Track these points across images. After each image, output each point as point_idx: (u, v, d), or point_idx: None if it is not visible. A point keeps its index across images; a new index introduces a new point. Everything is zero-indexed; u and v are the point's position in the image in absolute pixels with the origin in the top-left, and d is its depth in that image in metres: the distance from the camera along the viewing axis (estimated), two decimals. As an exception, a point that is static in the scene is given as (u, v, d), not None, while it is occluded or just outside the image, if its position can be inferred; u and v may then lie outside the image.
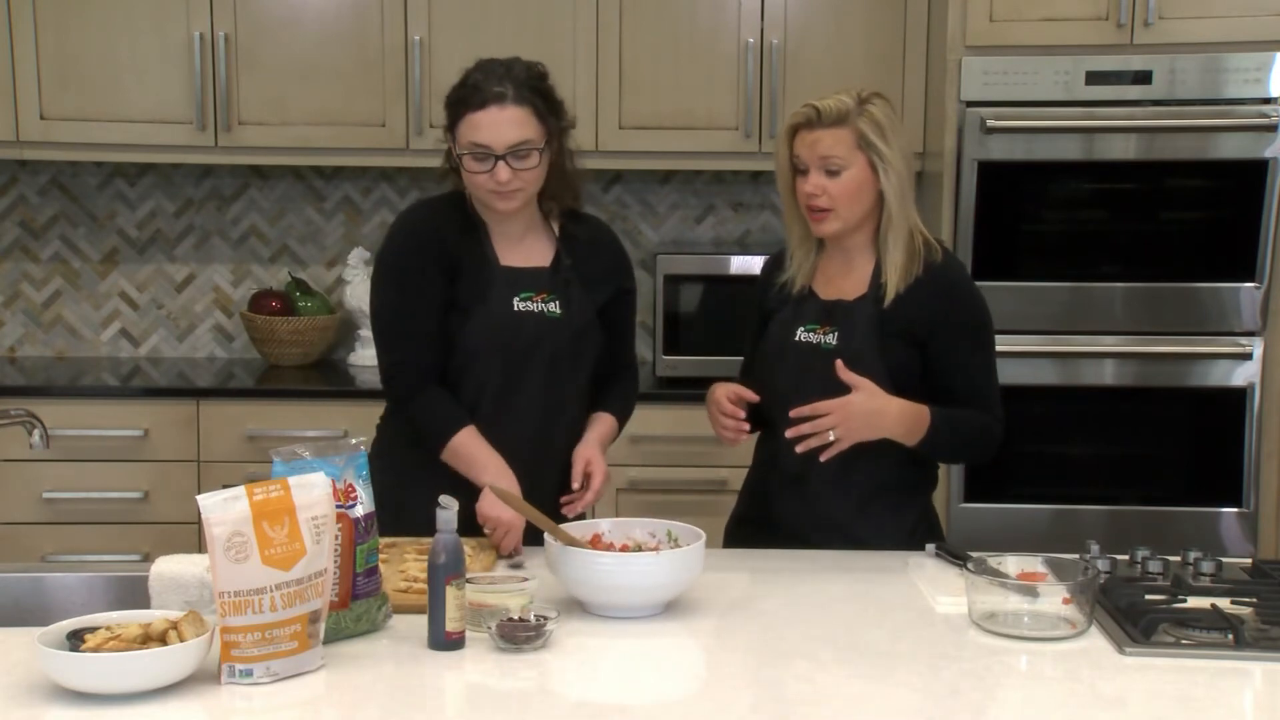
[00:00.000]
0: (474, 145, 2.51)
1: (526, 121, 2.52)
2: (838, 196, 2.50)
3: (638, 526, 2.35)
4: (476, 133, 2.50)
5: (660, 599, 2.21)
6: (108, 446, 3.93)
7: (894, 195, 2.51)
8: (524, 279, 2.62)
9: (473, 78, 2.55)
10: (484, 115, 2.50)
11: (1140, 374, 3.81)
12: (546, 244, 2.67)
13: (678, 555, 2.19)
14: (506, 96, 2.51)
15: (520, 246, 2.64)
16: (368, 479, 2.11)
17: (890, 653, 2.09)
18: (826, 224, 2.53)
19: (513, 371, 2.60)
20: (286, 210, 4.47)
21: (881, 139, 2.49)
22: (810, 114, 2.51)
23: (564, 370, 2.64)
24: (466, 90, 2.54)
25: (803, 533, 2.57)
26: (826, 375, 2.54)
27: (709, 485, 3.89)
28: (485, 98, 2.51)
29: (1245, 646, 2.05)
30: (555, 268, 2.65)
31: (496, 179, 2.51)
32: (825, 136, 2.49)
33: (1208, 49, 3.70)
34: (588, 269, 2.67)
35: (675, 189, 4.48)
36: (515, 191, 2.53)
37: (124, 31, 4.04)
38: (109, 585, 2.39)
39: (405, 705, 1.87)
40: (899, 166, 2.51)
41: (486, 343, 2.59)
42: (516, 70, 2.55)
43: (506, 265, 2.62)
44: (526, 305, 2.61)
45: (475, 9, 4.05)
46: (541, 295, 2.62)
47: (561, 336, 2.62)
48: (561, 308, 2.63)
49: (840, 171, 2.49)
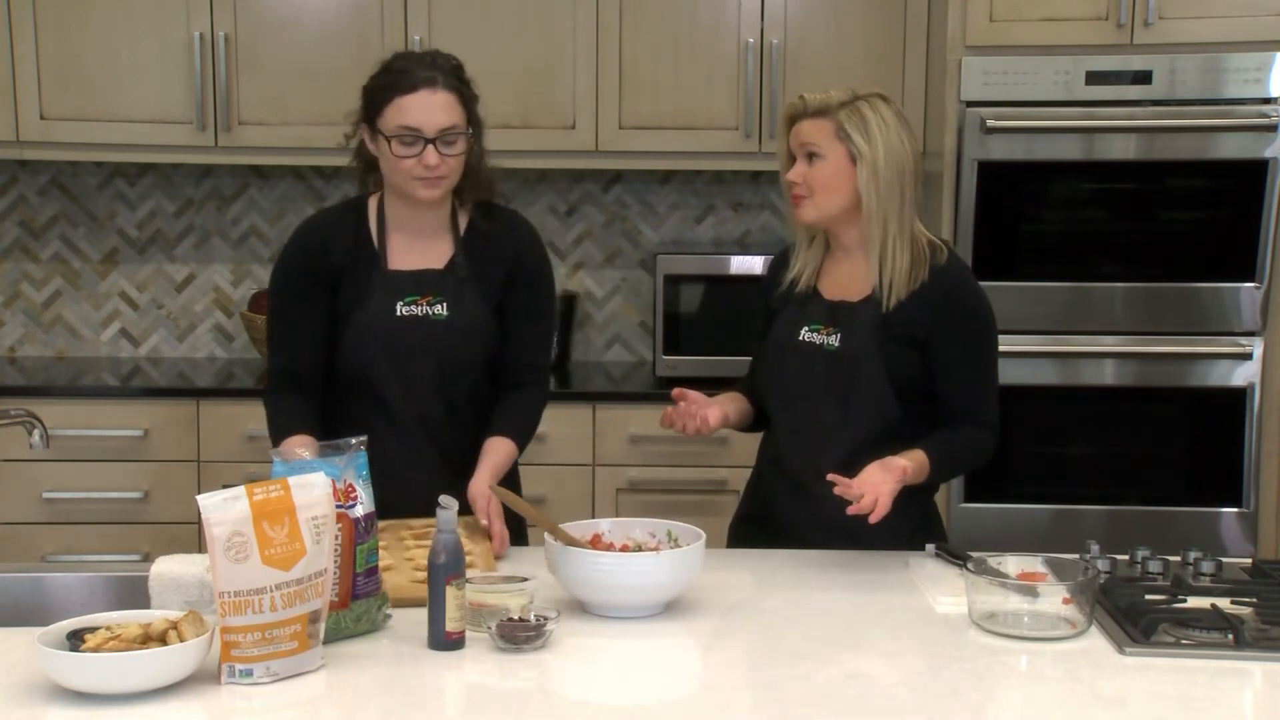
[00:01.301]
0: (403, 129, 2.50)
1: (454, 107, 2.54)
2: (813, 182, 2.52)
3: (637, 526, 2.35)
4: (405, 116, 2.50)
5: (660, 599, 2.21)
6: (108, 446, 3.93)
7: (870, 191, 2.49)
8: (408, 282, 2.61)
9: (398, 64, 2.57)
10: (415, 99, 2.50)
11: (1140, 374, 3.81)
12: (447, 245, 2.66)
13: (677, 555, 2.19)
14: (436, 81, 2.52)
15: (420, 247, 2.63)
16: (368, 479, 2.11)
17: (890, 653, 2.09)
18: (803, 210, 2.55)
19: (401, 375, 2.61)
20: (286, 210, 4.47)
21: (862, 134, 2.49)
22: (798, 104, 2.55)
23: (454, 372, 2.63)
24: (394, 75, 2.54)
25: (803, 533, 2.57)
26: (829, 376, 2.55)
27: (709, 485, 3.89)
28: (415, 81, 2.51)
29: (1245, 646, 2.05)
30: (449, 268, 2.64)
31: (425, 163, 2.50)
32: (806, 125, 2.53)
33: (1208, 49, 3.70)
34: (485, 266, 2.65)
35: (675, 189, 4.48)
36: (440, 179, 2.54)
37: (124, 31, 4.05)
38: (109, 585, 2.39)
39: (405, 705, 1.87)
40: (880, 165, 2.48)
41: (369, 348, 2.60)
42: (441, 59, 2.58)
43: (394, 269, 2.62)
44: (410, 309, 2.61)
45: (475, 9, 4.05)
46: (427, 298, 2.61)
47: (449, 338, 2.61)
48: (449, 309, 2.61)
49: (817, 158, 2.51)
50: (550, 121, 4.09)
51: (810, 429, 2.58)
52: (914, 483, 2.45)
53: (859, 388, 2.53)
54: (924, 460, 2.45)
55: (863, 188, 2.50)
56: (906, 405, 2.54)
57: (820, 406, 2.56)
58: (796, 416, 2.60)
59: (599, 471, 3.94)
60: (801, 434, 2.60)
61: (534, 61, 4.06)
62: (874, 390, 2.53)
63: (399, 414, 2.62)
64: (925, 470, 2.46)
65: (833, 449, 2.52)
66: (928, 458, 2.46)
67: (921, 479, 2.47)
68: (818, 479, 2.45)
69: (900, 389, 2.53)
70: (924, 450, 2.46)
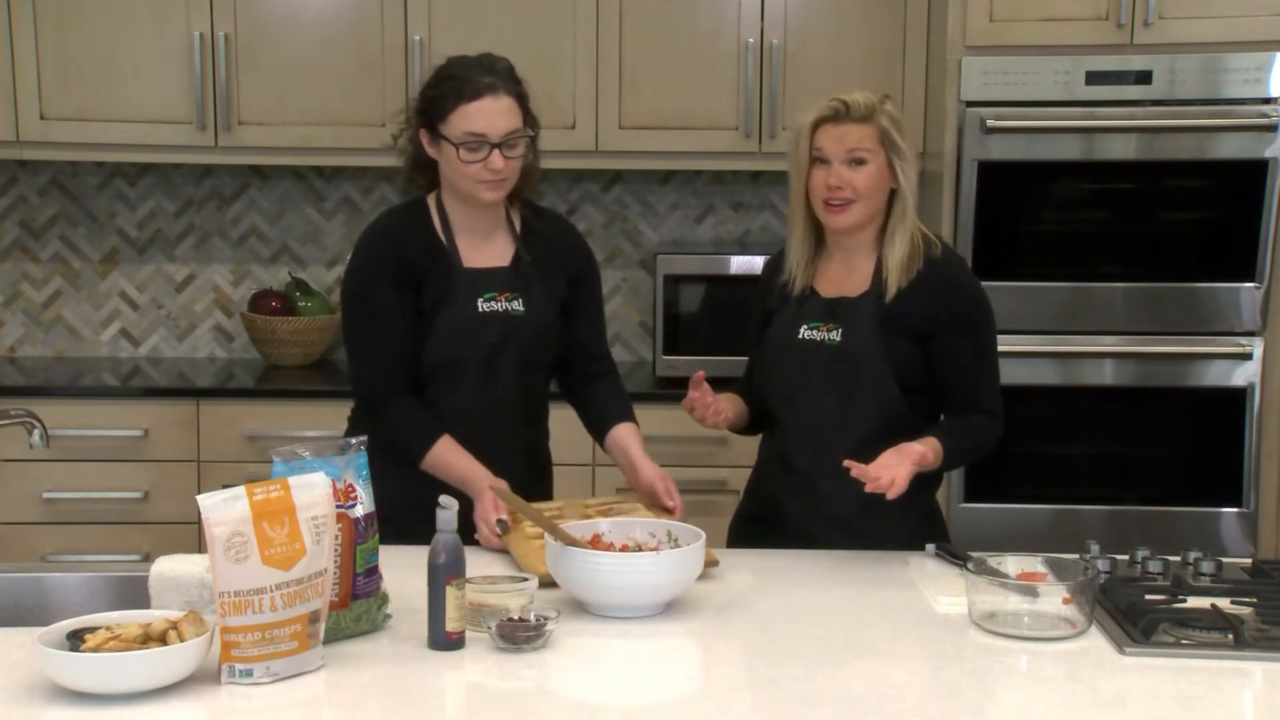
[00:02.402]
0: (469, 135, 2.54)
1: (515, 111, 2.59)
2: (861, 188, 2.53)
3: (638, 526, 2.35)
4: (472, 122, 2.54)
5: (661, 599, 2.21)
6: (108, 446, 3.93)
7: (911, 191, 2.55)
8: (486, 280, 2.65)
9: (456, 70, 2.59)
10: (479, 105, 2.55)
11: (1140, 374, 3.81)
12: (508, 241, 2.71)
13: (678, 555, 2.19)
14: (498, 87, 2.57)
15: (484, 245, 2.68)
16: (368, 479, 2.11)
17: (890, 653, 2.09)
18: (846, 215, 2.55)
19: (485, 371, 2.64)
20: (286, 210, 4.47)
21: (901, 137, 2.54)
22: (839, 107, 2.54)
23: (533, 366, 2.69)
24: (455, 83, 2.57)
25: (808, 531, 2.58)
26: (832, 372, 2.56)
27: (709, 485, 3.89)
28: (478, 88, 2.55)
29: (1245, 646, 2.05)
30: (515, 265, 2.68)
31: (491, 167, 2.55)
32: (854, 130, 2.53)
33: (1207, 49, 3.70)
34: (547, 263, 2.71)
35: (675, 189, 4.48)
36: (503, 181, 2.58)
37: (124, 31, 4.04)
38: (109, 585, 2.39)
39: (405, 705, 1.87)
40: (912, 165, 2.56)
41: (456, 345, 2.63)
42: (498, 63, 2.61)
43: (469, 267, 2.65)
44: (490, 305, 2.64)
45: (475, 9, 4.05)
46: (505, 294, 2.66)
47: (527, 333, 2.67)
48: (525, 305, 2.67)
49: (865, 164, 2.52)
50: (550, 121, 4.04)
51: (814, 426, 2.59)
52: (930, 468, 2.47)
53: (862, 382, 2.54)
54: (939, 446, 2.48)
55: (907, 190, 2.55)
56: (910, 399, 2.56)
57: (824, 403, 2.57)
58: (800, 414, 2.61)
59: (599, 471, 3.93)
60: (805, 431, 2.60)
61: (534, 61, 4.02)
62: (877, 384, 2.54)
63: (482, 408, 2.64)
64: (941, 456, 2.49)
65: (837, 444, 2.52)
66: (941, 445, 2.48)
67: (936, 465, 2.49)
68: (822, 475, 2.45)
69: (903, 382, 2.54)
70: (937, 437, 2.49)
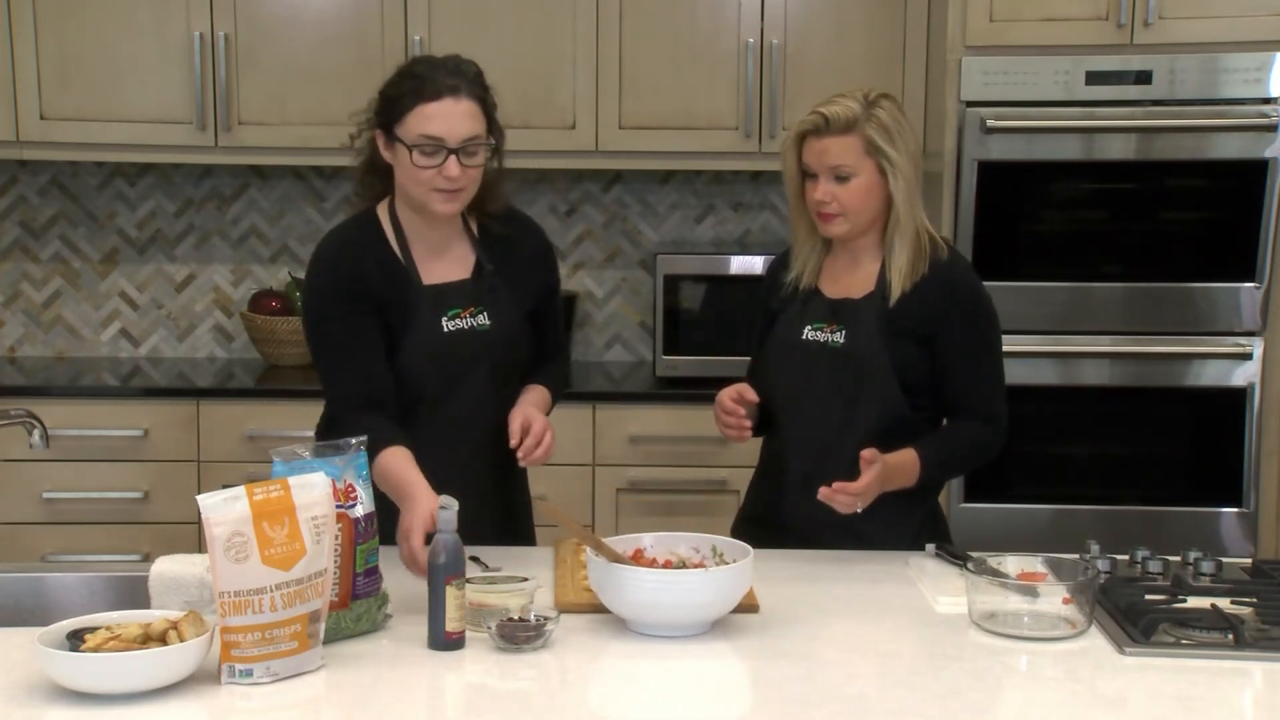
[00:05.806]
0: (425, 138, 2.39)
1: (477, 116, 2.43)
2: (847, 203, 2.50)
3: (681, 541, 2.27)
4: (428, 124, 2.39)
5: (709, 618, 2.12)
6: (108, 446, 3.93)
7: (902, 199, 2.51)
8: (448, 295, 2.52)
9: (418, 69, 2.46)
10: (438, 106, 2.39)
11: (1140, 374, 3.80)
12: (467, 250, 2.57)
13: (727, 573, 2.10)
14: (460, 89, 2.41)
15: (442, 257, 2.54)
16: (367, 479, 2.11)
17: (890, 653, 2.09)
18: (835, 226, 2.53)
19: (454, 388, 2.53)
20: (286, 210, 4.47)
21: (889, 143, 2.48)
22: (818, 121, 2.49)
23: (506, 378, 2.58)
24: (416, 82, 2.42)
25: (810, 532, 2.57)
26: (835, 374, 2.55)
27: (709, 485, 3.89)
28: (439, 88, 2.40)
29: (1245, 646, 2.05)
30: (477, 276, 2.56)
31: (446, 174, 2.40)
32: (834, 145, 2.48)
33: (1207, 49, 3.70)
34: (510, 270, 2.58)
35: (675, 189, 4.48)
36: (459, 191, 2.44)
37: (124, 31, 4.04)
38: (109, 585, 2.39)
39: (405, 705, 1.87)
40: (906, 170, 2.51)
41: (422, 365, 2.50)
42: (464, 65, 2.47)
43: (429, 284, 2.52)
44: (455, 323, 2.52)
45: (475, 9, 4.05)
46: (469, 309, 2.54)
47: (497, 347, 2.55)
48: (491, 318, 2.55)
49: (849, 178, 2.49)
50: (550, 121, 4.09)
51: (816, 427, 2.58)
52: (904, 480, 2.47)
53: (865, 384, 2.54)
54: (913, 458, 2.47)
55: (899, 198, 2.51)
56: (913, 401, 2.55)
57: (826, 404, 2.57)
58: (802, 415, 2.60)
59: (599, 471, 3.93)
60: (808, 432, 2.60)
61: (534, 61, 4.06)
62: (880, 386, 2.53)
63: (453, 427, 2.54)
64: (915, 466, 2.48)
65: (840, 446, 2.52)
66: (920, 456, 2.47)
67: (913, 477, 2.48)
68: (825, 477, 2.45)
69: (906, 384, 2.53)
70: (916, 449, 2.48)
